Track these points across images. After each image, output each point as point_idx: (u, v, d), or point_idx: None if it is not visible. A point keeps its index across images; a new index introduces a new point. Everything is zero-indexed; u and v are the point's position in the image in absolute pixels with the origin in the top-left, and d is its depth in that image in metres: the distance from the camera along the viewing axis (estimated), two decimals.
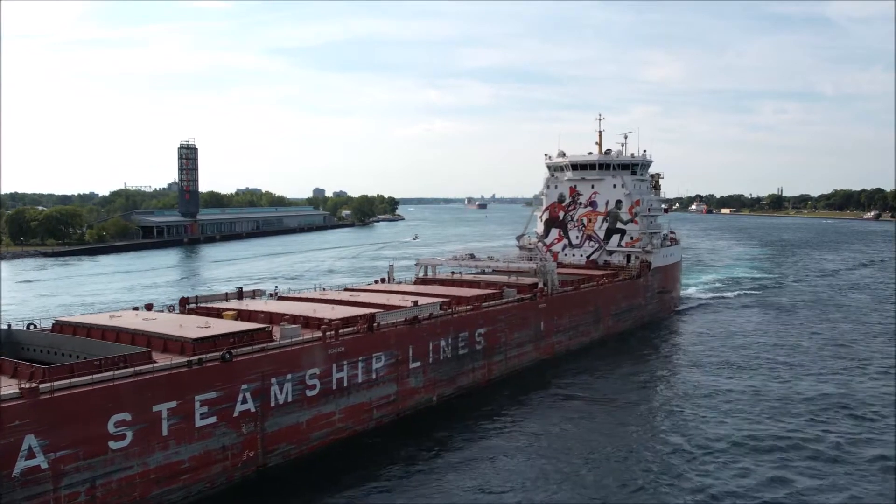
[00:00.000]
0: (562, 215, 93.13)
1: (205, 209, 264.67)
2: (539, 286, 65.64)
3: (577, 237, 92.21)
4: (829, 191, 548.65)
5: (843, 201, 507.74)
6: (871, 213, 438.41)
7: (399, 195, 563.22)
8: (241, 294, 55.55)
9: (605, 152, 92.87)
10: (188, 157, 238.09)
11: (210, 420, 34.45)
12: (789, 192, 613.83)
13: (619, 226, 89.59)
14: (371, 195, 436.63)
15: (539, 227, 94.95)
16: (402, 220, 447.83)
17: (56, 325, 42.05)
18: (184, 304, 50.83)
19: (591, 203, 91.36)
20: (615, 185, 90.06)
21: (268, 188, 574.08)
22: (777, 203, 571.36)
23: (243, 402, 36.15)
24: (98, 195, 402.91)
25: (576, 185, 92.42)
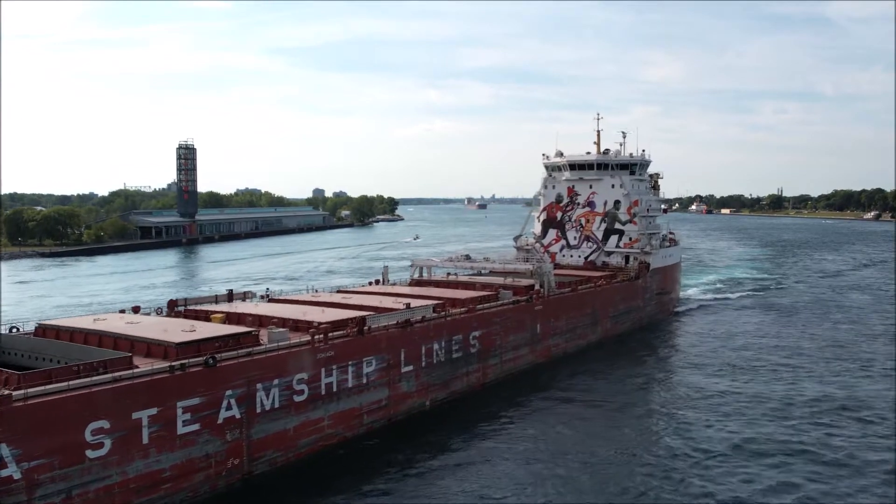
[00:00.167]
0: (559, 216, 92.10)
1: (203, 209, 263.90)
2: (535, 288, 64.61)
3: (574, 238, 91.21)
4: (829, 191, 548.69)
5: (844, 201, 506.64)
6: (872, 213, 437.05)
7: (399, 195, 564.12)
8: (231, 296, 54.55)
9: (603, 152, 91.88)
10: (187, 158, 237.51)
11: (193, 427, 33.45)
12: (789, 192, 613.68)
13: (618, 226, 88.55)
14: (371, 195, 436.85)
15: (537, 228, 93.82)
16: (402, 220, 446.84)
17: (38, 329, 41.14)
18: (172, 306, 49.73)
19: (590, 203, 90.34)
20: (613, 186, 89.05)
21: (267, 188, 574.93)
22: (777, 203, 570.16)
23: (228, 409, 35.15)
24: (97, 195, 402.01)
25: (574, 186, 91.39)
